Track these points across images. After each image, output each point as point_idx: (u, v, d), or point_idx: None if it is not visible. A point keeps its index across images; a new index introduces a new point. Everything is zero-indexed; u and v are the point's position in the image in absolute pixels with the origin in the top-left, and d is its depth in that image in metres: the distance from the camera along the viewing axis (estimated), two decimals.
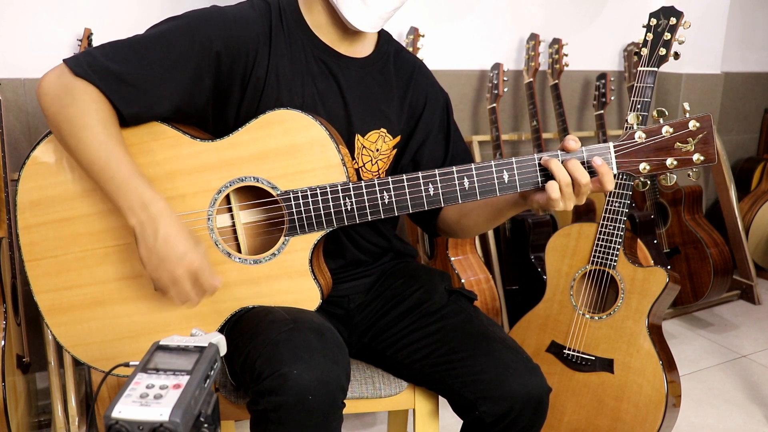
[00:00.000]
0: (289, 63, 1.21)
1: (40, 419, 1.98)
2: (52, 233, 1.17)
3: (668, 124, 1.07)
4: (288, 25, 1.22)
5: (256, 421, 1.07)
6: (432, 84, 1.38)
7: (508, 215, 1.25)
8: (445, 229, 1.39)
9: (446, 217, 1.36)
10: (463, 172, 1.12)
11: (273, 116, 1.15)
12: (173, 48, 1.12)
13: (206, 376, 0.71)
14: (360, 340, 1.34)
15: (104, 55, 1.10)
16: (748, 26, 3.32)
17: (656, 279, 1.70)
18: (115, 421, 0.64)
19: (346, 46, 1.26)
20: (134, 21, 2.03)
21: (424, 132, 1.35)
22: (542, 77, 2.74)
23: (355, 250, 1.33)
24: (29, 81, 1.94)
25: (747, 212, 3.18)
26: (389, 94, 1.31)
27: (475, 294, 1.36)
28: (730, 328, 2.82)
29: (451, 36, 2.58)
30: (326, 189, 1.15)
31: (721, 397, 2.26)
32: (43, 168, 1.16)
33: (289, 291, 1.19)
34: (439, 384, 1.23)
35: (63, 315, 1.19)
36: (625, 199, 1.73)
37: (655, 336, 1.71)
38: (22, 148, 1.94)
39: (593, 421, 1.75)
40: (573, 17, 2.84)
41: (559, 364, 1.80)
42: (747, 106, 3.45)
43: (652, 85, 1.69)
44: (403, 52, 1.37)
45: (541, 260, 2.15)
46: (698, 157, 1.07)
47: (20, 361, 1.76)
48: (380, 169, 1.32)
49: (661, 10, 1.67)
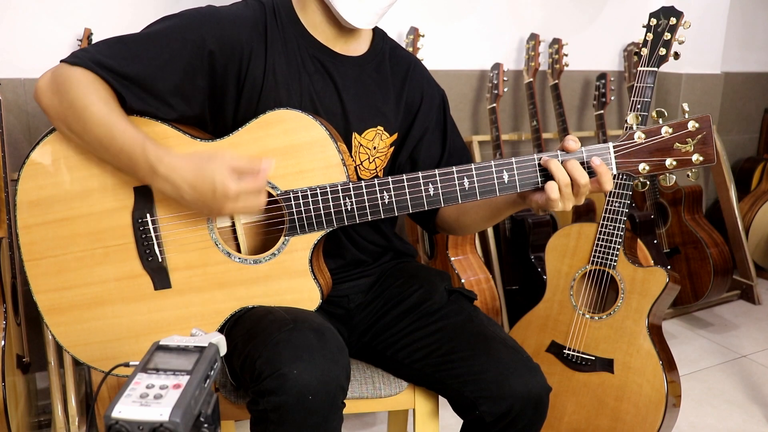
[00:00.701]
0: (285, 62, 1.21)
1: (40, 419, 1.98)
2: (51, 233, 1.17)
3: (667, 125, 1.07)
4: (282, 25, 1.22)
5: (256, 421, 1.07)
6: (428, 80, 1.38)
7: (506, 214, 1.25)
8: (444, 227, 1.40)
9: (445, 215, 1.36)
10: (463, 173, 1.12)
11: (273, 116, 1.15)
12: (166, 46, 1.12)
13: (206, 376, 0.71)
14: (360, 340, 1.34)
15: (99, 51, 1.11)
16: (748, 26, 3.32)
17: (656, 279, 1.70)
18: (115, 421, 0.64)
19: (342, 44, 1.27)
20: (134, 21, 2.03)
21: (421, 129, 1.35)
22: (542, 77, 2.74)
23: (355, 249, 1.33)
24: (29, 81, 1.94)
25: (747, 212, 3.18)
26: (386, 92, 1.31)
27: (475, 294, 1.36)
28: (730, 328, 2.82)
29: (451, 36, 2.58)
30: (326, 189, 1.15)
31: (721, 397, 2.26)
32: (43, 168, 1.16)
33: (289, 291, 1.19)
34: (439, 384, 1.23)
35: (63, 315, 1.19)
36: (625, 199, 1.73)
37: (655, 336, 1.71)
38: (22, 148, 1.94)
39: (593, 421, 1.75)
40: (573, 17, 2.84)
41: (559, 364, 1.80)
42: (747, 106, 3.45)
43: (652, 85, 1.69)
44: (399, 50, 1.37)
45: (541, 260, 2.15)
46: (697, 157, 1.07)
47: (20, 361, 1.76)
48: (378, 167, 1.32)
49: (661, 10, 1.67)
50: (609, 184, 1.08)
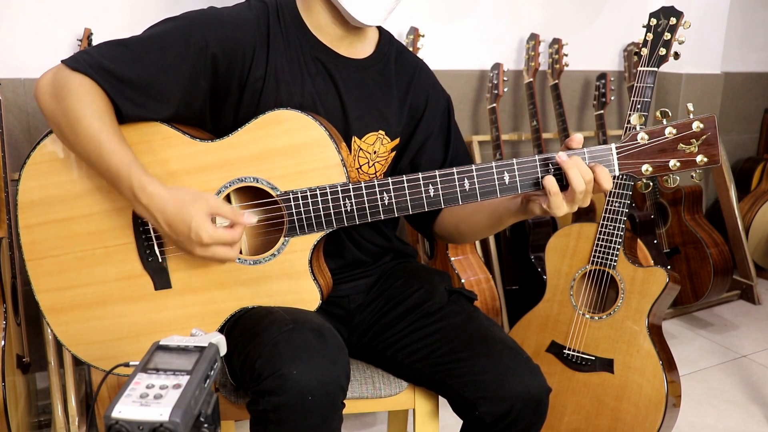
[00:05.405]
0: (287, 63, 1.21)
1: (40, 419, 1.98)
2: (52, 233, 1.17)
3: (671, 125, 1.06)
4: (285, 26, 1.22)
5: (255, 421, 1.07)
6: (434, 85, 1.37)
7: (507, 223, 1.24)
8: (443, 235, 1.38)
9: (444, 222, 1.35)
10: (463, 174, 1.12)
11: (273, 116, 1.15)
12: (169, 49, 1.12)
13: (206, 376, 0.71)
14: (360, 340, 1.34)
15: (101, 54, 1.10)
16: (748, 26, 3.32)
17: (656, 279, 1.70)
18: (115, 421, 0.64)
19: (346, 46, 1.26)
20: (134, 21, 2.03)
21: (424, 134, 1.35)
22: (542, 77, 2.74)
23: (355, 250, 1.33)
24: (29, 81, 1.94)
25: (747, 212, 3.18)
26: (389, 96, 1.30)
27: (475, 294, 1.36)
28: (730, 328, 2.82)
29: (451, 36, 2.58)
30: (326, 189, 1.15)
31: (721, 397, 2.26)
32: (43, 168, 1.16)
33: (289, 291, 1.19)
34: (439, 384, 1.23)
35: (64, 314, 1.19)
36: (625, 199, 1.73)
37: (655, 336, 1.71)
38: (22, 148, 1.94)
39: (593, 421, 1.75)
40: (573, 17, 2.84)
41: (559, 364, 1.80)
42: (747, 106, 3.45)
43: (652, 85, 1.69)
44: (405, 53, 1.36)
45: (541, 260, 2.15)
46: (702, 158, 1.06)
47: (20, 361, 1.76)
48: (378, 172, 1.31)
49: (661, 10, 1.67)
50: (607, 182, 1.07)
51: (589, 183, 1.06)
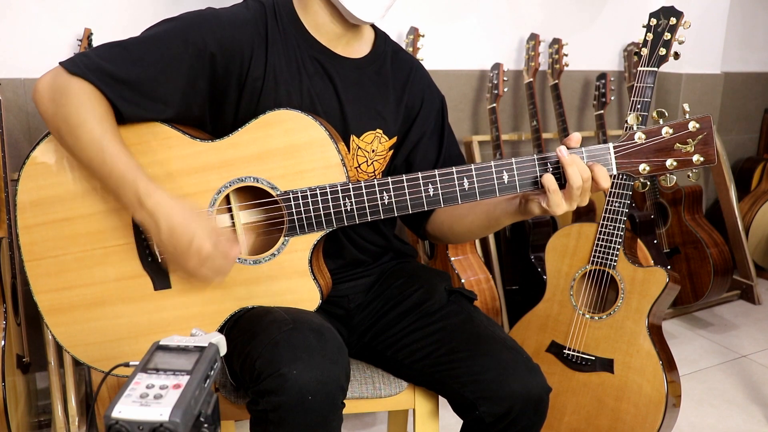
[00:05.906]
0: (285, 63, 1.21)
1: (40, 419, 1.98)
2: (52, 233, 1.17)
3: (668, 125, 1.07)
4: (283, 25, 1.22)
5: (255, 421, 1.07)
6: (429, 85, 1.38)
7: (505, 224, 1.24)
8: (437, 234, 1.38)
9: (438, 222, 1.35)
10: (462, 173, 1.12)
11: (273, 116, 1.15)
12: (167, 50, 1.12)
13: (206, 376, 0.71)
14: (360, 340, 1.34)
15: (99, 56, 1.10)
16: (748, 26, 3.32)
17: (656, 279, 1.70)
18: (115, 421, 0.64)
19: (343, 45, 1.26)
20: (134, 21, 2.03)
21: (418, 133, 1.35)
22: (542, 77, 2.74)
23: (354, 250, 1.33)
24: (29, 81, 1.94)
25: (747, 212, 3.18)
26: (385, 95, 1.31)
27: (475, 294, 1.36)
28: (730, 328, 2.82)
29: (451, 36, 2.58)
30: (326, 189, 1.15)
31: (721, 397, 2.26)
32: (43, 168, 1.16)
33: (289, 291, 1.19)
34: (439, 384, 1.23)
35: (63, 315, 1.19)
36: (625, 199, 1.73)
37: (655, 336, 1.71)
38: (22, 148, 1.94)
39: (593, 421, 1.75)
40: (573, 17, 2.84)
41: (559, 364, 1.80)
42: (747, 106, 3.45)
43: (652, 85, 1.69)
44: (401, 53, 1.36)
45: (541, 260, 2.15)
46: (698, 158, 1.07)
47: (20, 361, 1.76)
48: (376, 170, 1.32)
49: (661, 10, 1.67)
50: (605, 180, 1.07)
51: (587, 181, 1.06)
